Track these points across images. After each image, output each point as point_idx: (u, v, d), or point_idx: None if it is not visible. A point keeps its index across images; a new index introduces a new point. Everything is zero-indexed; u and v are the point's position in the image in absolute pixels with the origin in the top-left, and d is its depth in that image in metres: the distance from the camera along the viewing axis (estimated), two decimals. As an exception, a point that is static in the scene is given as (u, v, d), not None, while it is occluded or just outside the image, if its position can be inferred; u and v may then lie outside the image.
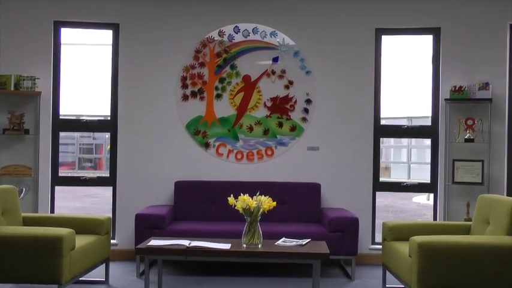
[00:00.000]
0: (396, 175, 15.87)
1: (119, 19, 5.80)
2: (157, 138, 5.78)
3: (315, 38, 5.80)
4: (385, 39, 5.84)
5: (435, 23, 5.74)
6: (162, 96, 5.79)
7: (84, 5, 5.77)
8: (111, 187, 5.82)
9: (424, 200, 13.06)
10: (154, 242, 3.99)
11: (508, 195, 5.50)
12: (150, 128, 5.79)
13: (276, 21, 5.80)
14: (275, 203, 3.97)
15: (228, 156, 5.77)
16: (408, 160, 15.74)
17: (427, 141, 6.04)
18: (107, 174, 5.94)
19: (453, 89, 5.56)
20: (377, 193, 5.81)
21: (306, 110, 5.77)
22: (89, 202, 12.18)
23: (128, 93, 5.79)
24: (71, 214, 4.92)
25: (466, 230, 4.45)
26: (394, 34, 5.89)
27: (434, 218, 5.73)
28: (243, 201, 3.89)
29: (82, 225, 4.49)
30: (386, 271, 4.53)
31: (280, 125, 5.76)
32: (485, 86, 5.51)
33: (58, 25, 5.80)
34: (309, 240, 4.14)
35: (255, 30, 5.80)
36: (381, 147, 5.96)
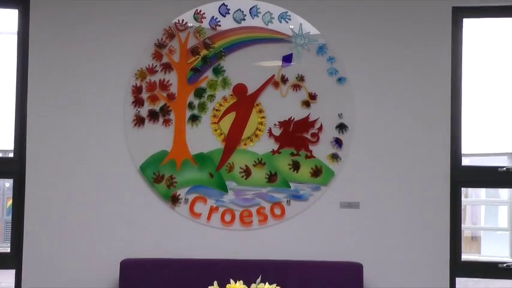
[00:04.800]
0: (490, 250, 15.78)
1: (31, -7, 5.93)
2: (93, 189, 5.83)
3: (352, 25, 5.90)
4: (468, 23, 5.93)
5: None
6: (100, 119, 5.86)
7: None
8: (14, 270, 5.84)
9: (539, 292, 13.03)
10: None
11: None
12: (80, 172, 5.84)
13: (289, -4, 5.93)
14: (288, 295, 4.00)
15: (209, 217, 5.81)
16: (511, 226, 15.72)
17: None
18: (7, 249, 5.97)
19: None
20: (458, 280, 5.83)
21: (338, 142, 5.84)
22: (-26, 296, 12.11)
23: (44, 115, 5.85)
24: None
25: None
26: (482, 16, 5.99)
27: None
28: (234, 293, 3.92)
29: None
30: None
31: (296, 166, 5.83)
32: None
33: None
34: None
35: (253, 11, 5.91)
36: (463, 203, 5.98)
